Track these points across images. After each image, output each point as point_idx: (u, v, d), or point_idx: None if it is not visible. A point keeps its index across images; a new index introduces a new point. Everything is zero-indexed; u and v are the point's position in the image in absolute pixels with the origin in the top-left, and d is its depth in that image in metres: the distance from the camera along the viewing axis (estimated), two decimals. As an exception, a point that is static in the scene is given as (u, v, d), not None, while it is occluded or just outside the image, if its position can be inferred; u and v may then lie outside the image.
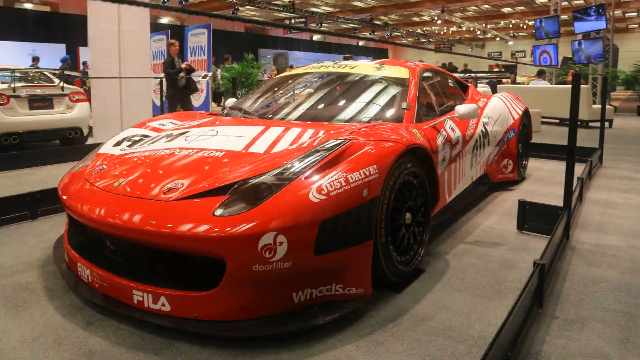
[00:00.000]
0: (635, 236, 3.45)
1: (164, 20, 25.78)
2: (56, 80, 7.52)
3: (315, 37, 35.54)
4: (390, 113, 3.31)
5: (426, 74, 3.90)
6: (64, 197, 2.63)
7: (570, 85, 3.26)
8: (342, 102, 3.55)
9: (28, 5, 21.89)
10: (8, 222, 3.61)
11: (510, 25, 33.59)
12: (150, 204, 2.24)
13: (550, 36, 14.94)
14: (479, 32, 36.07)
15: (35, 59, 14.64)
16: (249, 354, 1.97)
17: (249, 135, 2.84)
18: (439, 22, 28.36)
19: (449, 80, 4.49)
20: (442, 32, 36.45)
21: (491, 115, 4.54)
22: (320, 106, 3.55)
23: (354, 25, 28.61)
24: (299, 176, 2.18)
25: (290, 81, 4.11)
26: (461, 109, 3.33)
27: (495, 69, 20.17)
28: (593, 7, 13.32)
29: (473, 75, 12.48)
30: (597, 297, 2.51)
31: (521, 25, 32.78)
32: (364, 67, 3.88)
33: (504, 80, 13.39)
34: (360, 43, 39.06)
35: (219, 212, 2.06)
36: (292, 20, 24.03)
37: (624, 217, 3.90)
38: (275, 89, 4.09)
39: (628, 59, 20.82)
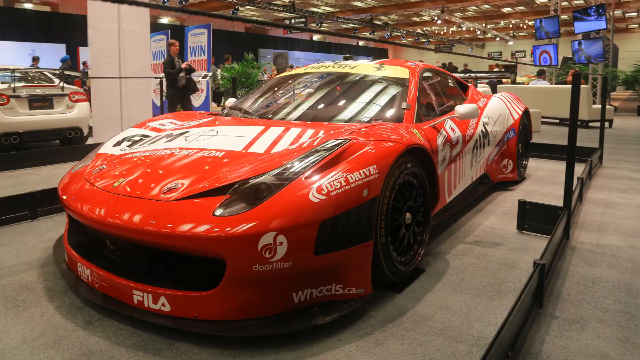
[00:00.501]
0: (635, 236, 3.45)
1: (164, 20, 25.78)
2: (56, 80, 7.52)
3: (315, 37, 35.54)
4: (390, 113, 3.30)
5: (426, 74, 3.90)
6: (64, 197, 2.63)
7: (570, 85, 3.26)
8: (342, 102, 3.55)
9: (28, 5, 21.90)
10: (8, 222, 3.61)
11: (510, 25, 33.60)
12: (150, 204, 2.24)
13: (550, 36, 14.94)
14: (479, 32, 36.08)
15: (35, 59, 14.64)
16: (249, 354, 1.97)
17: (249, 135, 2.84)
18: (439, 22, 28.37)
19: (449, 80, 4.49)
20: (442, 32, 36.46)
21: (491, 115, 4.54)
22: (320, 106, 3.54)
23: (354, 25, 28.62)
24: (299, 176, 2.18)
25: (290, 81, 4.10)
26: (461, 109, 3.33)
27: (495, 69, 20.17)
28: (593, 7, 13.32)
29: (473, 75, 12.51)
30: (597, 297, 2.51)
31: (521, 25, 32.79)
32: (364, 67, 3.88)
33: (504, 80, 13.41)
34: (360, 43, 39.06)
35: (219, 212, 2.06)
36: (292, 20, 24.03)
37: (624, 217, 3.90)
38: (275, 89, 4.09)
39: (628, 59, 20.85)
